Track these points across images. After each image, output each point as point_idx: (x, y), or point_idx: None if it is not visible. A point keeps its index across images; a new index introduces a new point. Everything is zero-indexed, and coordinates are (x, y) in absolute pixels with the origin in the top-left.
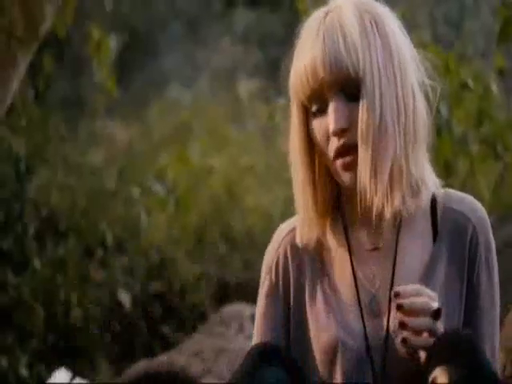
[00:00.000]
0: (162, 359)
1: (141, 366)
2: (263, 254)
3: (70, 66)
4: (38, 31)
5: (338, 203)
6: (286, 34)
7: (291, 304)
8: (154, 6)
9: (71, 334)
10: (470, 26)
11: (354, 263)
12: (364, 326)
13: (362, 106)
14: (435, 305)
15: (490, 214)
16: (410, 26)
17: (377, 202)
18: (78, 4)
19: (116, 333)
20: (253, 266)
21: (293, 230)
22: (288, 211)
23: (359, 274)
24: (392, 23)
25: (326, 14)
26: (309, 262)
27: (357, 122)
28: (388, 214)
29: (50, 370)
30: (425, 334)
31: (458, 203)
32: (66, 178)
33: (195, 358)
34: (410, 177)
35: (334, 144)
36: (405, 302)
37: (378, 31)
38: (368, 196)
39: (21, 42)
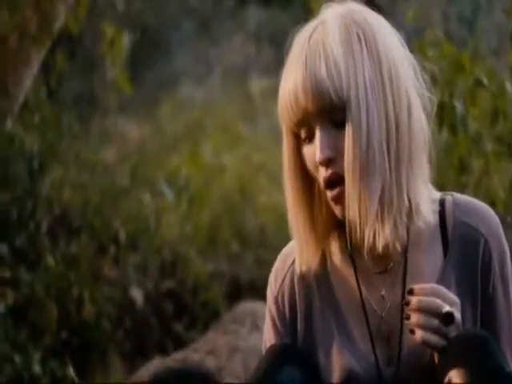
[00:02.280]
0: (177, 357)
1: (155, 364)
2: (276, 252)
3: (83, 64)
4: (51, 29)
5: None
6: (298, 31)
7: (298, 335)
8: (167, 4)
9: (84, 331)
10: (483, 24)
11: (362, 287)
12: (375, 353)
13: (347, 135)
14: (446, 308)
15: (505, 212)
16: (424, 24)
17: (367, 233)
18: (91, 2)
19: (128, 330)
20: (265, 264)
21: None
22: None
23: (367, 298)
24: (384, 35)
25: (313, 30)
26: (317, 290)
27: (343, 151)
28: (380, 244)
29: (63, 367)
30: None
31: (469, 215)
32: (78, 175)
33: (209, 356)
34: (402, 203)
35: (322, 174)
36: (413, 298)
37: (366, 47)
38: (358, 229)
39: (34, 39)
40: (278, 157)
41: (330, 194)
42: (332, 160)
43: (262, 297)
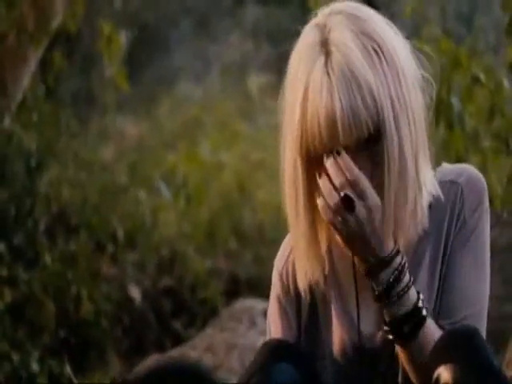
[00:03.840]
0: (174, 354)
1: (152, 360)
2: (274, 249)
3: (81, 62)
4: (49, 27)
5: None
6: (296, 29)
7: (302, 311)
8: (165, 2)
9: (82, 329)
10: (480, 21)
11: (355, 258)
12: (358, 325)
13: (385, 153)
14: (347, 193)
15: (502, 209)
16: (421, 20)
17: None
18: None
19: (126, 328)
20: (264, 261)
21: None
22: None
23: (360, 269)
24: (393, 40)
25: (327, 54)
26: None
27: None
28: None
29: (61, 365)
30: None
31: (449, 174)
32: (76, 173)
33: (207, 353)
34: (422, 189)
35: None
36: (329, 160)
37: (385, 59)
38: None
39: (31, 37)
40: (276, 154)
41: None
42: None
43: (260, 294)
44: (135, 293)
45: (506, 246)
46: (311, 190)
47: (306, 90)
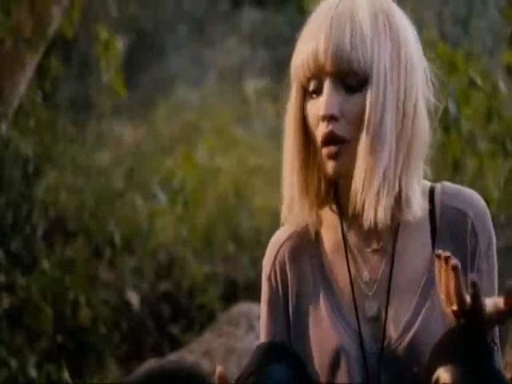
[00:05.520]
0: (172, 359)
1: (150, 365)
2: None
3: (78, 68)
4: (46, 32)
5: (335, 195)
6: (293, 33)
7: (290, 312)
8: (162, 8)
9: (80, 335)
10: (477, 24)
11: (351, 265)
12: (360, 332)
13: (367, 101)
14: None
15: (499, 212)
16: (418, 23)
17: (366, 206)
18: (85, 5)
19: (124, 333)
20: (261, 266)
21: (288, 237)
22: None
23: (356, 277)
24: (407, 32)
25: (340, 0)
26: (309, 267)
27: (348, 114)
28: (378, 216)
29: (59, 370)
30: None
31: (456, 199)
32: (74, 178)
33: (204, 358)
34: (393, 188)
35: (322, 129)
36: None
37: (390, 34)
38: (359, 198)
39: (28, 43)
40: (273, 159)
41: (325, 150)
42: (335, 118)
43: (258, 298)
44: (133, 298)
45: (503, 249)
46: (302, 121)
47: (309, 25)
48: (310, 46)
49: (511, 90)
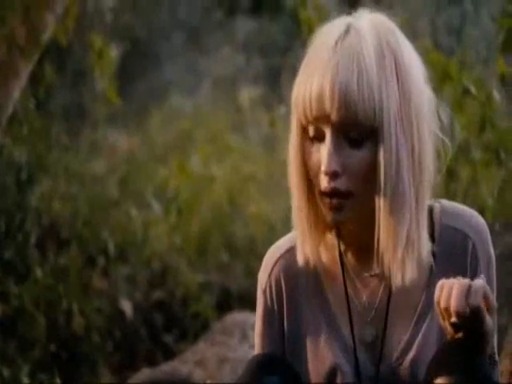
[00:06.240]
0: (165, 368)
1: (144, 374)
2: None
3: (72, 76)
4: (39, 40)
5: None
6: (287, 42)
7: (285, 326)
8: (156, 16)
9: (73, 343)
10: (470, 33)
11: (349, 290)
12: (356, 356)
13: (379, 158)
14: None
15: (493, 220)
16: (411, 33)
17: (394, 271)
18: (80, 13)
19: (118, 341)
20: (255, 275)
21: (285, 252)
22: (290, 219)
23: (354, 301)
24: (415, 69)
25: (346, 32)
26: (304, 286)
27: (351, 169)
28: (406, 277)
29: (52, 379)
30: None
31: (456, 219)
32: (67, 186)
33: (198, 367)
34: (418, 251)
35: (324, 183)
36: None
37: (397, 76)
38: (386, 260)
39: (22, 51)
40: (268, 167)
41: (327, 200)
42: (337, 174)
43: (252, 307)
44: (126, 306)
45: (498, 257)
46: (304, 156)
47: (312, 57)
48: (314, 88)
49: (505, 99)
